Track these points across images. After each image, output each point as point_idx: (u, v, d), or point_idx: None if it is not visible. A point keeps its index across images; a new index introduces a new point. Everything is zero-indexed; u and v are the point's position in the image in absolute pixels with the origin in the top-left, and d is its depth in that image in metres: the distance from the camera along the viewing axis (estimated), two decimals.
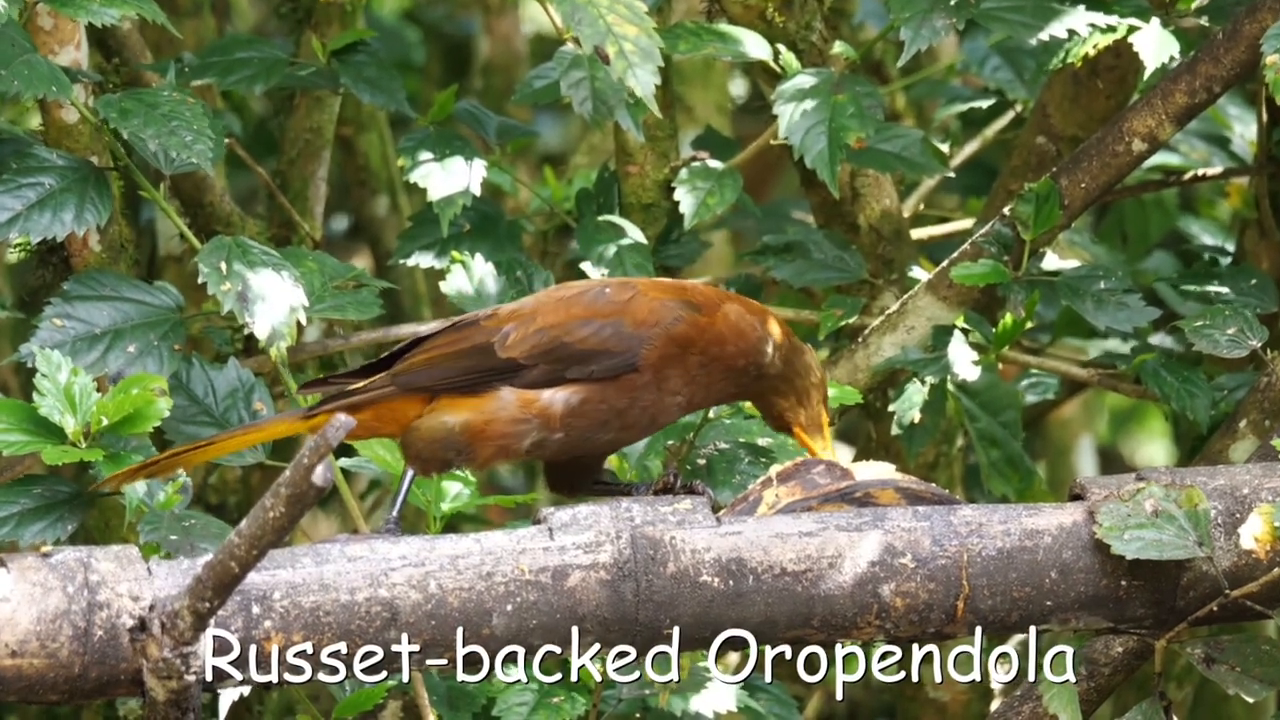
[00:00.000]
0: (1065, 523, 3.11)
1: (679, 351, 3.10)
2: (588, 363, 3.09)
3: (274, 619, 2.94)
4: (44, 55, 3.66)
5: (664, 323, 3.10)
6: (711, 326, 3.11)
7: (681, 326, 3.10)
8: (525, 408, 3.10)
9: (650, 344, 3.09)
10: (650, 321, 3.10)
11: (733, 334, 3.12)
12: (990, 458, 3.81)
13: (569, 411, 3.09)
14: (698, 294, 3.13)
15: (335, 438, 2.73)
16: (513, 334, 3.11)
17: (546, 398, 3.09)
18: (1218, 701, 4.46)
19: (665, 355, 3.09)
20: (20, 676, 2.89)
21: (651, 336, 3.09)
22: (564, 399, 3.09)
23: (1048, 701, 3.18)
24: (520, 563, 3.00)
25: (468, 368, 3.11)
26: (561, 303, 3.12)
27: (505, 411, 3.10)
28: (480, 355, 3.11)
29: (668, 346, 3.09)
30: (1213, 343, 3.67)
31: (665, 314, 3.10)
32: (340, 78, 3.91)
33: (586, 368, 3.10)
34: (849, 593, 3.05)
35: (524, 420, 3.10)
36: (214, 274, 3.53)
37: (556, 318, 3.11)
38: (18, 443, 3.35)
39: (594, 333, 3.10)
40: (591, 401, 3.09)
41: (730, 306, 3.13)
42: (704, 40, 3.79)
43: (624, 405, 3.10)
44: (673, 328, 3.10)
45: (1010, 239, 3.80)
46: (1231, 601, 3.11)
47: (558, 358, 3.10)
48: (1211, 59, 3.72)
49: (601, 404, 3.10)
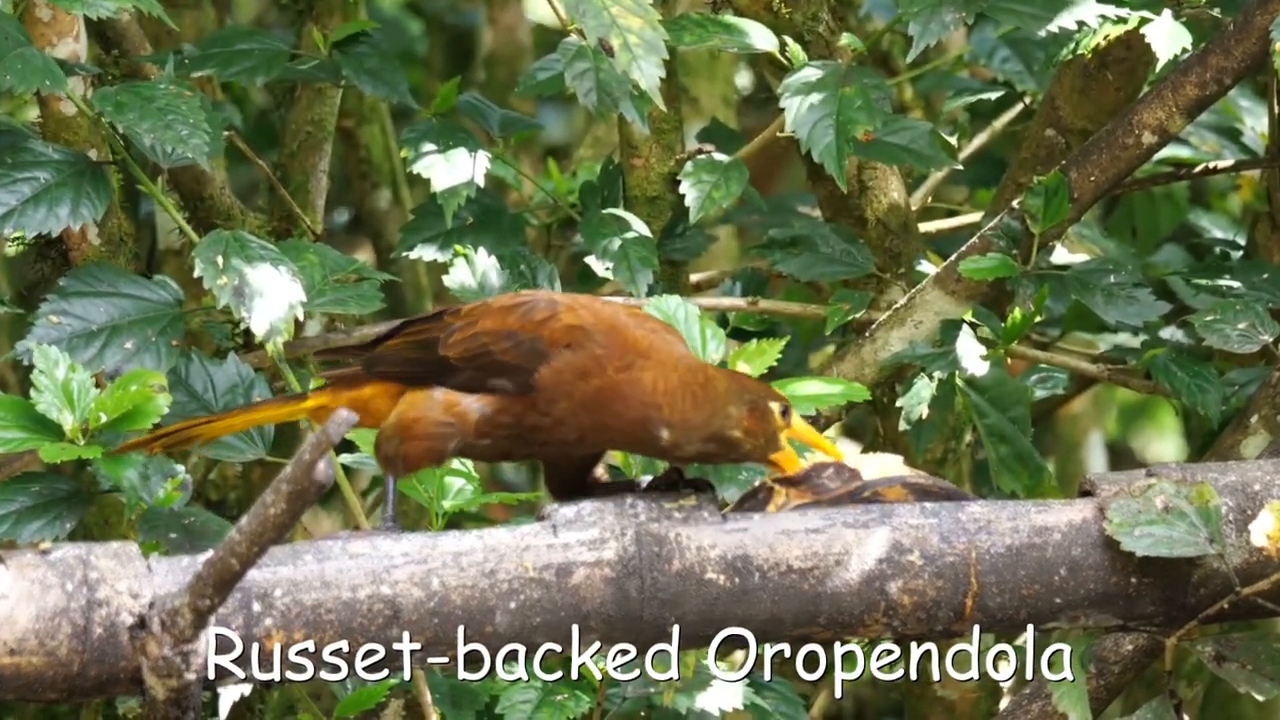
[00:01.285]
0: (1075, 519, 3.10)
1: (570, 381, 3.05)
2: (503, 375, 3.07)
3: (275, 617, 2.93)
4: (42, 47, 3.66)
5: (568, 350, 3.05)
6: (607, 373, 3.04)
7: (577, 358, 3.05)
8: (448, 410, 3.08)
9: (546, 367, 3.05)
10: (560, 343, 3.05)
11: (633, 399, 3.04)
12: (999, 453, 3.80)
13: (483, 420, 3.06)
14: (619, 335, 3.06)
15: (337, 434, 2.73)
16: (456, 334, 3.10)
17: (466, 403, 3.07)
18: (1228, 700, 4.46)
19: (558, 381, 3.04)
20: (19, 675, 2.88)
21: (553, 357, 3.05)
22: (479, 408, 3.07)
23: (1057, 700, 3.18)
24: (524, 560, 3.00)
25: (414, 360, 3.11)
26: (500, 310, 3.10)
27: (432, 412, 3.08)
28: (426, 350, 3.10)
29: (560, 372, 3.04)
30: (1224, 337, 3.67)
31: (571, 340, 3.05)
32: (342, 69, 3.90)
33: (501, 380, 3.07)
34: (856, 590, 3.04)
35: (446, 423, 3.08)
36: (211, 268, 3.52)
37: (492, 324, 3.08)
38: (15, 440, 3.33)
39: (514, 346, 3.07)
40: (502, 414, 3.06)
41: (645, 375, 3.04)
42: (709, 32, 3.79)
43: (531, 424, 3.06)
44: (571, 356, 3.05)
45: (1019, 232, 3.80)
46: (1242, 599, 3.10)
47: (482, 365, 3.07)
48: (1222, 51, 3.71)
49: (510, 419, 3.06)
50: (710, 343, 3.45)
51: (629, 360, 3.05)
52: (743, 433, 3.06)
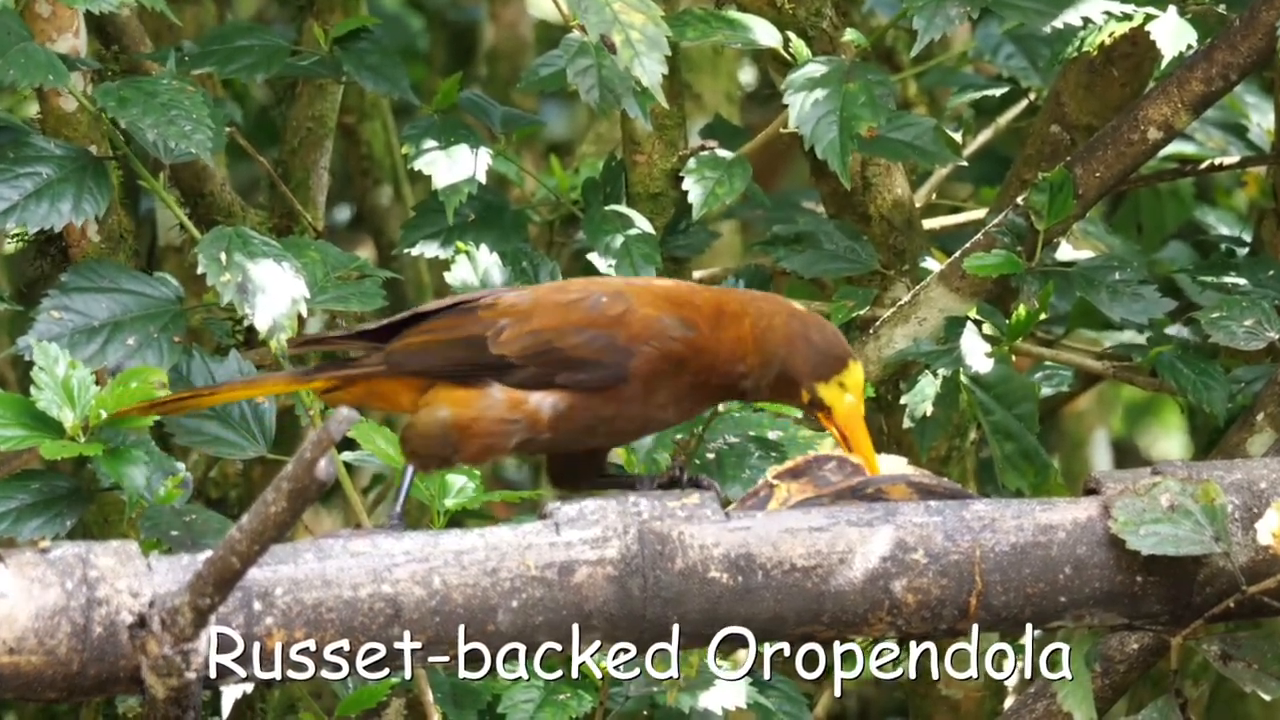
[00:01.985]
0: (1080, 518, 3.09)
1: (671, 369, 3.08)
2: (578, 370, 3.07)
3: (275, 615, 2.92)
4: (42, 43, 3.65)
5: (657, 339, 3.07)
6: (705, 349, 3.09)
7: (675, 346, 3.08)
8: (514, 408, 3.08)
9: (641, 359, 3.07)
10: (643, 337, 3.07)
11: (727, 355, 3.10)
12: (1005, 451, 3.80)
13: (556, 416, 3.07)
14: (695, 310, 3.10)
15: (338, 432, 2.72)
16: (507, 331, 3.10)
17: (535, 401, 3.07)
18: (1234, 699, 4.45)
19: (656, 371, 3.08)
20: (18, 674, 2.87)
21: (643, 352, 3.07)
22: (552, 404, 3.07)
23: (1062, 699, 3.18)
24: (526, 558, 2.99)
25: (459, 359, 3.10)
26: (559, 307, 3.10)
27: (494, 410, 3.08)
28: (472, 348, 3.09)
29: (659, 364, 3.08)
30: (1230, 334, 3.67)
31: (659, 330, 3.08)
32: (343, 66, 3.89)
33: (576, 375, 3.08)
34: (860, 589, 3.03)
35: (512, 420, 3.08)
36: (214, 265, 3.51)
37: (552, 321, 3.09)
38: (15, 437, 3.33)
39: (586, 342, 3.07)
40: (579, 409, 3.07)
41: (726, 333, 3.09)
42: (713, 28, 3.78)
43: (610, 414, 3.08)
44: (667, 346, 3.07)
45: (1024, 229, 3.79)
46: (1248, 598, 3.09)
47: (548, 361, 3.08)
48: (1228, 46, 3.71)
49: (588, 412, 3.08)
50: None
51: (714, 327, 3.09)
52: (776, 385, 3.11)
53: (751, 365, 3.10)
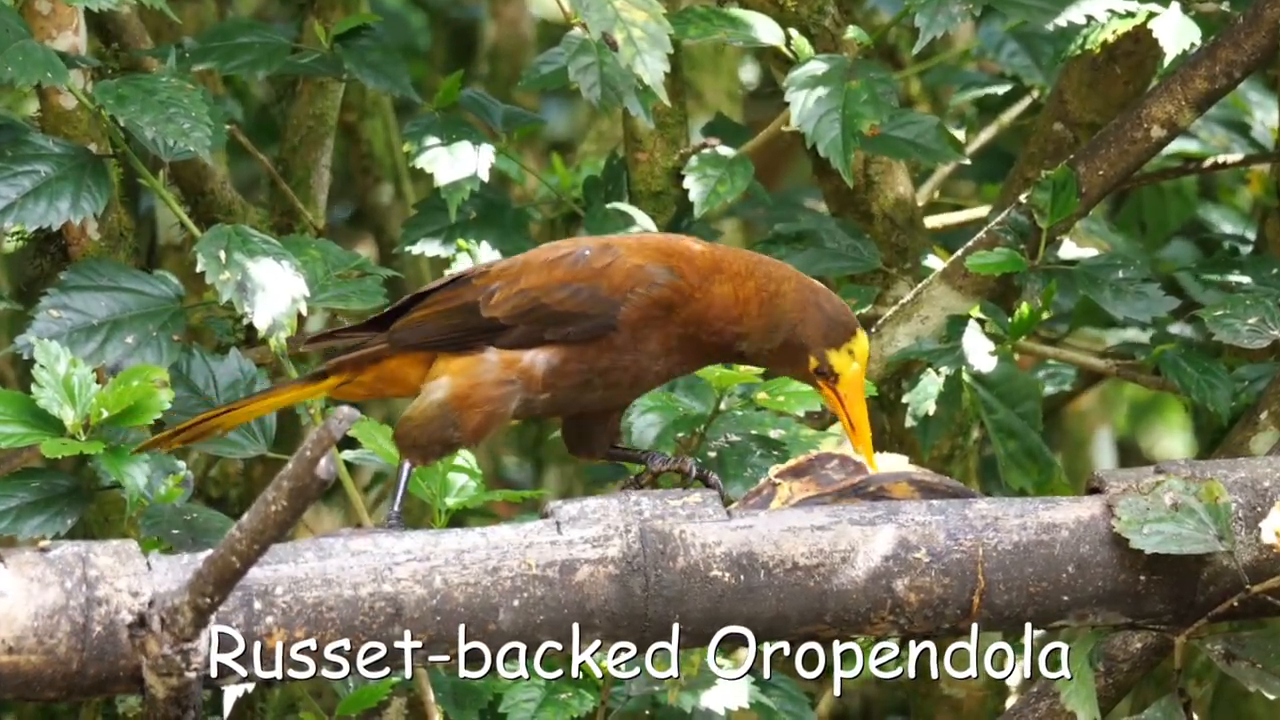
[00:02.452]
0: (1083, 516, 3.08)
1: (660, 315, 3.10)
2: (564, 324, 3.09)
3: (276, 615, 2.91)
4: (41, 40, 3.65)
5: (642, 287, 3.09)
6: (694, 298, 3.10)
7: (662, 291, 3.09)
8: (508, 368, 3.10)
9: (628, 306, 3.08)
10: (626, 286, 3.08)
11: (719, 311, 3.10)
12: (1008, 449, 3.79)
13: (550, 372, 3.09)
14: (685, 260, 3.11)
15: (339, 430, 2.71)
16: (497, 293, 3.12)
17: (528, 359, 3.09)
18: (1238, 698, 4.44)
19: (644, 318, 3.09)
20: (17, 673, 2.86)
21: (629, 300, 3.08)
22: (545, 360, 3.09)
23: (1065, 698, 3.17)
24: (527, 557, 2.98)
25: (455, 325, 3.12)
26: (545, 265, 3.12)
27: (490, 374, 3.10)
28: (467, 314, 3.12)
29: (648, 309, 3.09)
30: (1233, 333, 3.66)
31: (643, 279, 3.09)
32: (344, 63, 3.88)
33: (563, 329, 3.09)
34: (862, 588, 3.03)
35: (508, 381, 3.09)
36: (213, 263, 3.50)
37: (538, 279, 3.11)
38: (16, 435, 3.32)
39: (571, 295, 3.09)
40: (571, 362, 3.09)
41: (719, 288, 3.10)
42: (714, 25, 3.78)
43: (605, 365, 3.09)
44: (652, 292, 3.09)
45: (1027, 227, 3.78)
46: (1252, 597, 3.08)
47: (536, 319, 3.10)
48: (1232, 44, 3.70)
49: (581, 364, 3.09)
50: None
51: (705, 279, 3.09)
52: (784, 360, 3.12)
53: (751, 326, 3.11)
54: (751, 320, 3.11)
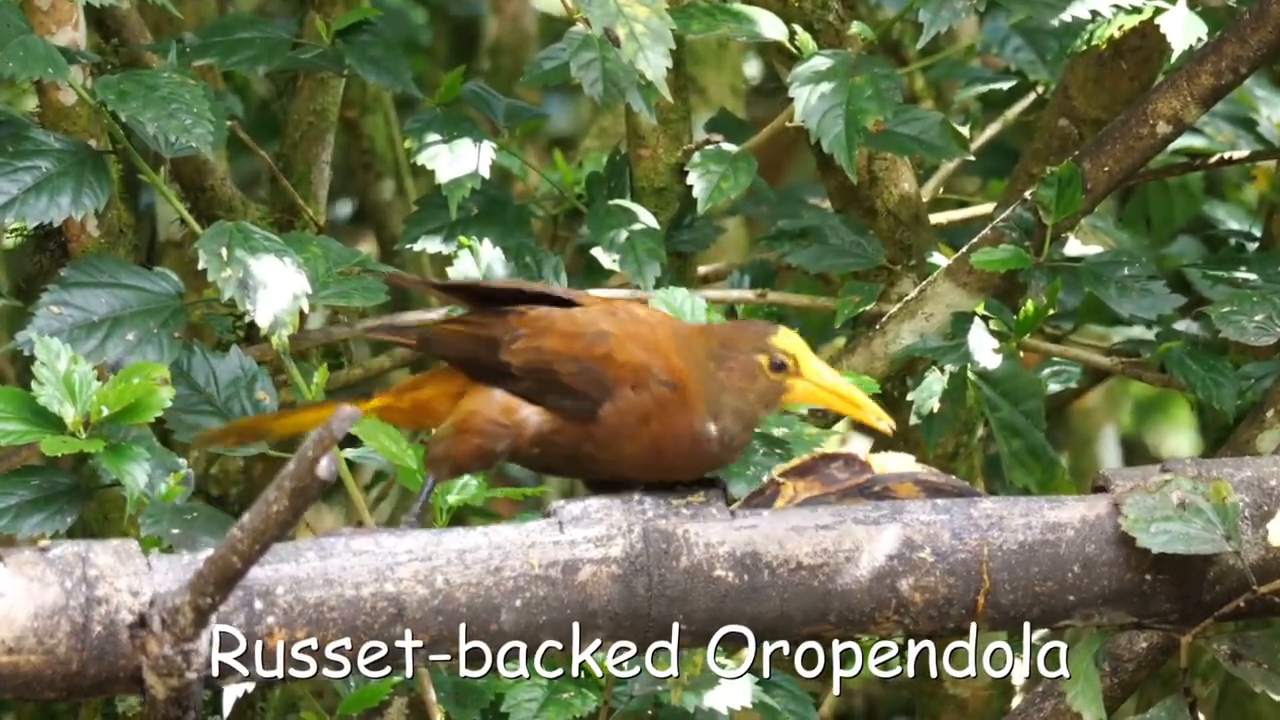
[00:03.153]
0: (1089, 515, 3.07)
1: (634, 425, 3.03)
2: (567, 397, 3.05)
3: (277, 614, 2.90)
4: (41, 36, 3.64)
5: (634, 389, 3.03)
6: (671, 416, 3.02)
7: (643, 402, 3.03)
8: (505, 413, 3.07)
9: (614, 404, 3.02)
10: (625, 381, 3.03)
11: (684, 431, 3.02)
12: (1012, 448, 3.79)
13: (538, 434, 3.05)
14: (673, 367, 3.04)
15: (340, 430, 2.70)
16: (520, 341, 3.08)
17: (525, 412, 3.06)
18: (1244, 698, 4.43)
19: (622, 423, 3.02)
20: (16, 674, 2.85)
21: (617, 397, 3.02)
22: (537, 421, 3.06)
23: (1071, 698, 3.16)
24: (529, 557, 2.97)
25: (472, 353, 3.09)
26: (567, 336, 3.07)
27: (488, 410, 3.07)
28: (487, 347, 3.08)
29: (626, 415, 3.02)
30: (1239, 330, 3.65)
31: (639, 379, 3.03)
32: (345, 59, 3.87)
33: (562, 401, 3.05)
34: (866, 587, 3.02)
35: (501, 424, 3.06)
36: (214, 260, 3.50)
37: (558, 345, 3.06)
38: (15, 432, 3.31)
39: (579, 372, 3.04)
40: (559, 434, 3.05)
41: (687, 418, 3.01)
42: (718, 20, 3.76)
43: (587, 452, 3.05)
44: (635, 399, 3.03)
45: (1032, 224, 3.77)
46: (1259, 597, 3.07)
47: (544, 381, 3.06)
48: (1238, 39, 3.69)
49: (565, 440, 3.05)
50: None
51: (676, 388, 3.03)
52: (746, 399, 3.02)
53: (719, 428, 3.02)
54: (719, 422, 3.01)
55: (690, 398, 3.02)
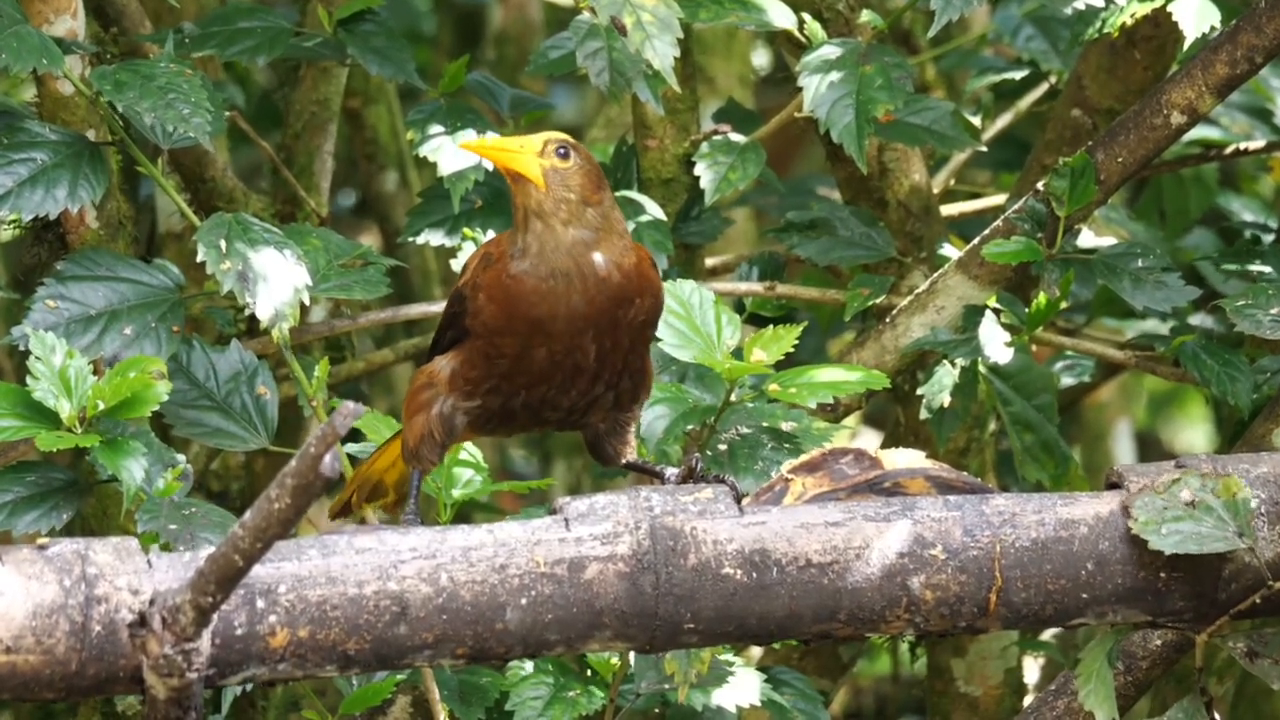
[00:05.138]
0: (1102, 512, 3.05)
1: (486, 302, 3.03)
2: (448, 327, 3.09)
3: (279, 613, 2.88)
4: (39, 25, 3.64)
5: (473, 289, 3.05)
6: (515, 278, 3.02)
7: (481, 289, 3.03)
8: (425, 375, 3.10)
9: (471, 304, 3.04)
10: (467, 285, 3.06)
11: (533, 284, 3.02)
12: (1024, 443, 3.77)
13: (454, 375, 3.06)
14: (491, 251, 3.07)
15: (343, 426, 2.69)
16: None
17: (438, 364, 3.09)
18: (1260, 696, 4.42)
19: (476, 310, 3.04)
20: (15, 673, 2.83)
21: (470, 302, 3.05)
22: (447, 363, 3.07)
23: (1083, 697, 3.15)
24: (535, 554, 2.95)
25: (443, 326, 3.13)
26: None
27: (417, 382, 3.11)
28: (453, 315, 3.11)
29: (483, 309, 3.03)
30: (1255, 323, 3.63)
31: (471, 279, 3.05)
32: (347, 48, 3.86)
33: (447, 332, 3.10)
34: (877, 585, 3.00)
35: (427, 386, 3.09)
36: (213, 252, 3.48)
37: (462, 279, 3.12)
38: (11, 428, 3.30)
39: (453, 300, 3.10)
40: (467, 364, 3.05)
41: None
42: (726, 9, 3.76)
43: (503, 368, 3.03)
44: (475, 293, 3.04)
45: (1044, 215, 3.76)
46: (1275, 594, 3.05)
47: (449, 325, 3.11)
48: (1253, 28, 3.67)
49: (476, 370, 3.05)
50: (725, 328, 3.42)
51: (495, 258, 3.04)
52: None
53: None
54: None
55: (504, 254, 3.01)
